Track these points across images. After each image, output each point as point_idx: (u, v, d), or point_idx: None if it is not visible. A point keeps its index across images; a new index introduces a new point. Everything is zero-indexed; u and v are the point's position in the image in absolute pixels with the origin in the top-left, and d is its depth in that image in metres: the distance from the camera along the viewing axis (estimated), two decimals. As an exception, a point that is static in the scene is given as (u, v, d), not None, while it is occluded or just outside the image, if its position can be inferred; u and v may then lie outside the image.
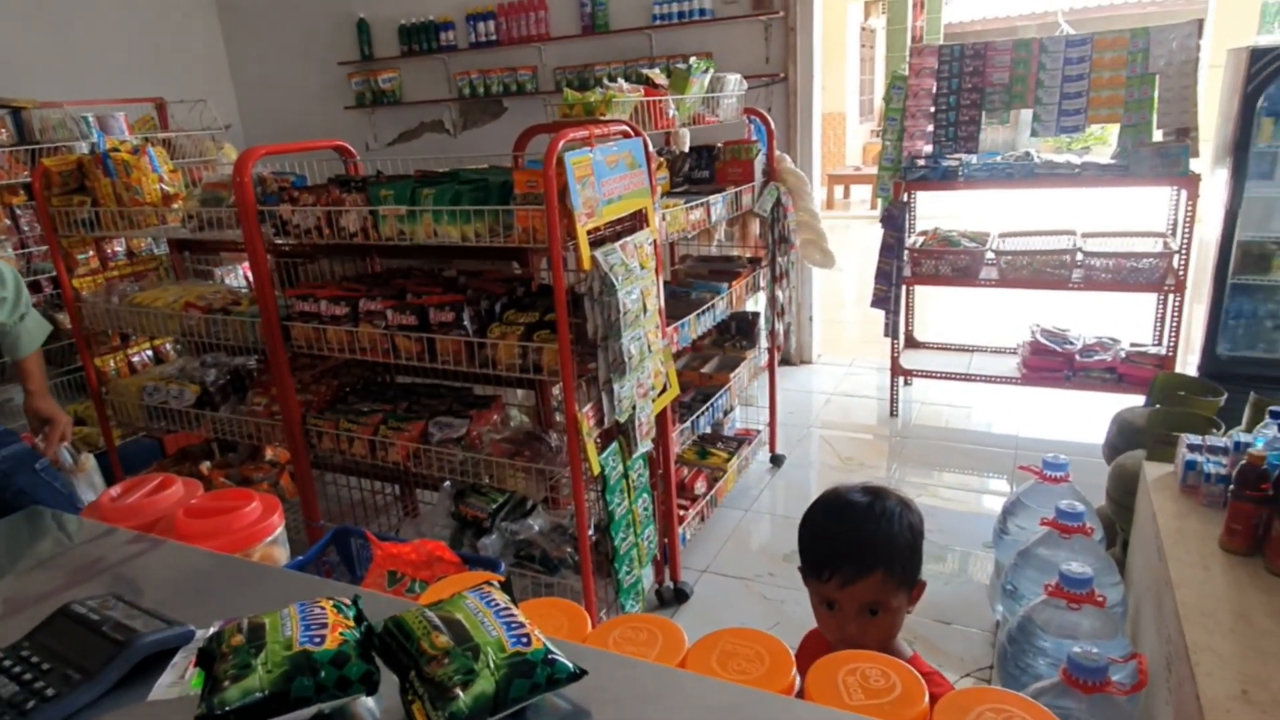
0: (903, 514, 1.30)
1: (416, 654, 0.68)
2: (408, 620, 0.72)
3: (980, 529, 3.08)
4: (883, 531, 1.27)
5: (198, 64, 5.93)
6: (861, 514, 1.30)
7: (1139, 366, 3.68)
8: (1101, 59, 3.57)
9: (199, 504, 1.17)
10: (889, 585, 1.24)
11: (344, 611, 0.75)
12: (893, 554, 1.25)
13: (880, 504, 1.30)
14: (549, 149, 1.93)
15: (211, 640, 0.73)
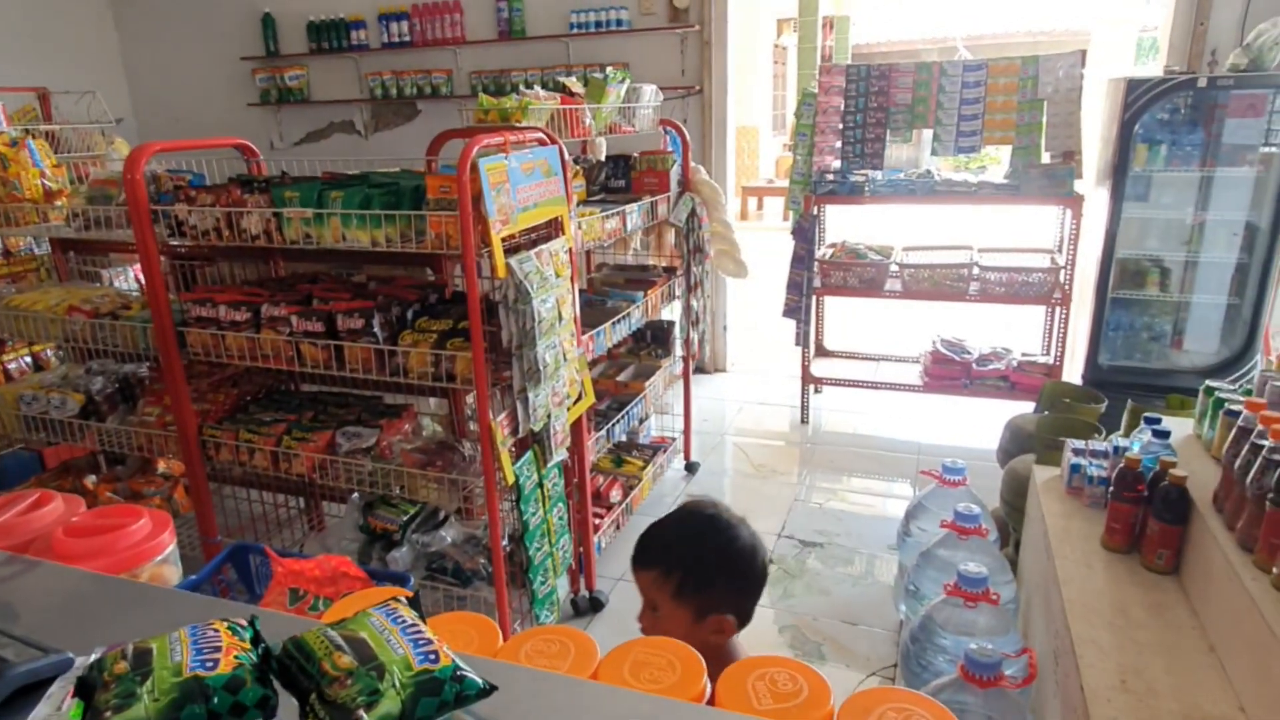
0: (722, 545, 1.31)
1: (318, 675, 0.66)
2: (308, 640, 0.69)
3: (885, 532, 3.19)
4: (681, 540, 1.31)
5: (86, 53, 5.59)
6: (681, 520, 1.35)
7: (1029, 375, 3.89)
8: (996, 84, 3.78)
9: (80, 521, 1.10)
10: (664, 588, 1.28)
11: (239, 633, 0.72)
12: (675, 561, 1.29)
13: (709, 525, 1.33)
14: (463, 154, 1.91)
15: (92, 668, 0.68)
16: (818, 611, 2.75)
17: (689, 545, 1.32)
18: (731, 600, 1.30)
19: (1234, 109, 3.35)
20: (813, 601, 2.81)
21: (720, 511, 1.38)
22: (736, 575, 1.32)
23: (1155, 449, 1.90)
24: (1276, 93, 3.24)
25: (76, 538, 1.05)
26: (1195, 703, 1.40)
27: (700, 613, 1.28)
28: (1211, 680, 1.45)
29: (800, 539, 3.21)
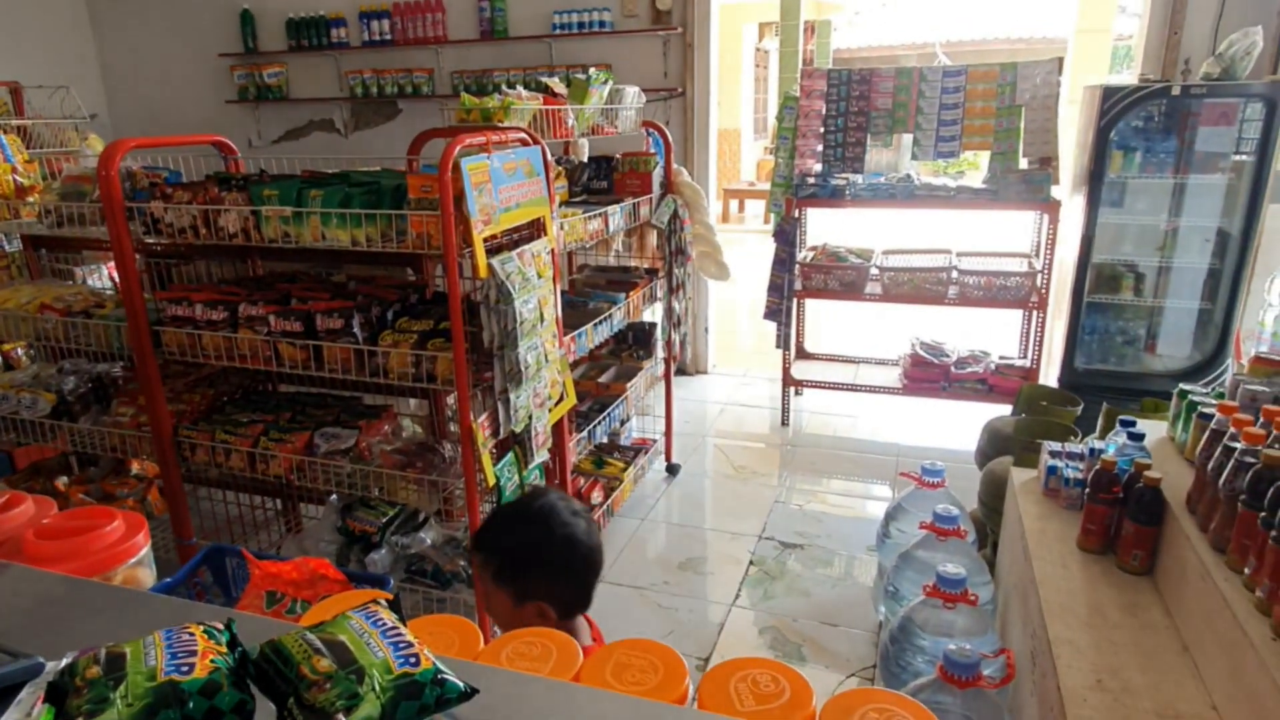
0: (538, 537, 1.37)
1: (296, 679, 0.65)
2: (286, 644, 0.68)
3: (864, 533, 3.21)
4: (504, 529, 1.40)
5: (60, 48, 5.50)
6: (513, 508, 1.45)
7: (1007, 378, 3.93)
8: (975, 90, 3.81)
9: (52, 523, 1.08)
10: (485, 571, 1.37)
11: (215, 637, 0.71)
12: (494, 548, 1.38)
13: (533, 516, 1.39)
14: (445, 154, 1.89)
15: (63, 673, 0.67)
16: (798, 613, 2.76)
17: (509, 534, 1.38)
18: (544, 589, 1.34)
19: (1206, 117, 3.41)
20: (793, 603, 2.82)
21: (551, 502, 1.42)
22: (550, 567, 1.36)
23: (1130, 451, 1.92)
24: (1247, 101, 3.30)
25: (48, 540, 1.03)
26: (1169, 702, 1.42)
27: (518, 599, 1.35)
28: (1185, 679, 1.47)
29: (780, 540, 3.22)
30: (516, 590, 1.35)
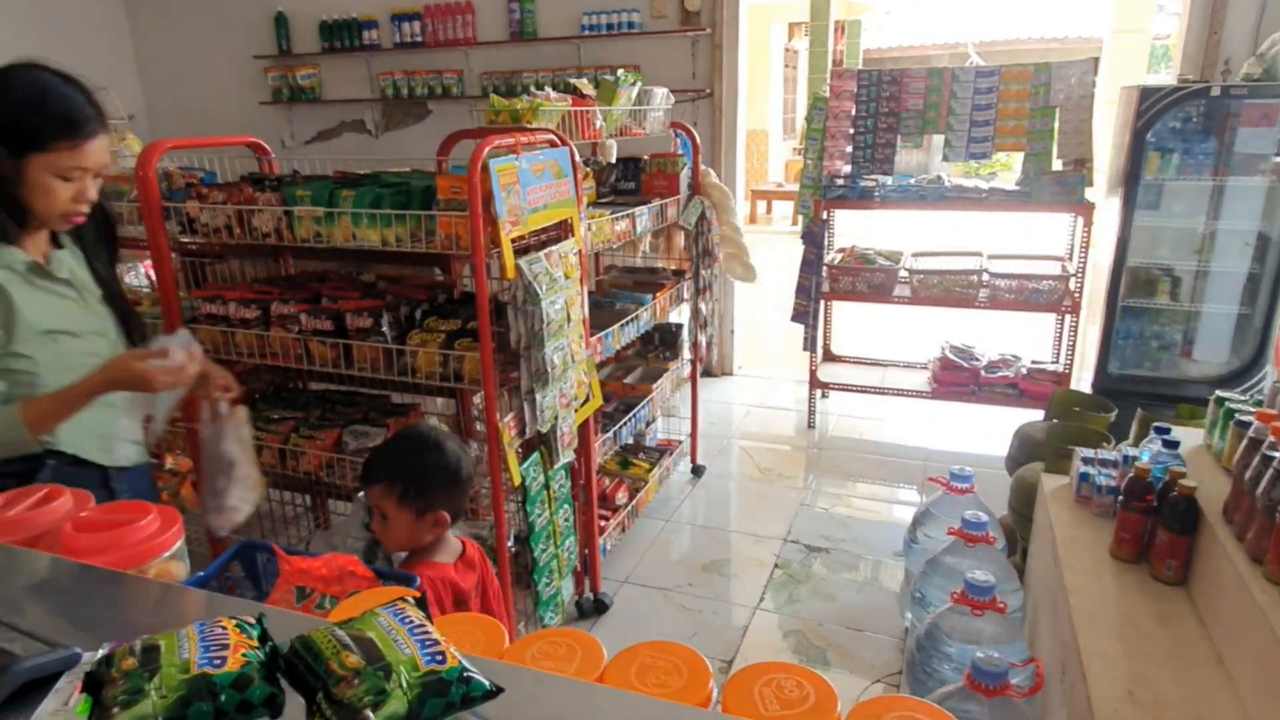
0: (432, 456, 1.62)
1: (325, 674, 0.65)
2: (316, 639, 0.69)
3: (891, 538, 3.18)
4: (401, 456, 1.62)
5: (99, 50, 5.63)
6: (400, 440, 1.68)
7: (1038, 383, 3.88)
8: (1008, 90, 3.77)
9: (89, 517, 1.10)
10: (390, 496, 1.58)
11: (247, 631, 0.72)
12: (399, 473, 1.59)
13: (423, 442, 1.65)
14: (474, 155, 1.91)
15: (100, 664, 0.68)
16: (823, 617, 2.74)
17: (408, 459, 1.61)
18: (445, 499, 1.61)
19: (1247, 118, 3.33)
20: (818, 607, 2.80)
21: (428, 431, 1.73)
22: (447, 479, 1.63)
23: (1165, 459, 1.88)
24: (1291, 102, 3.22)
25: (85, 533, 1.05)
26: (1203, 714, 1.39)
27: (420, 512, 1.60)
28: (1220, 692, 1.44)
29: (806, 544, 3.20)
30: (420, 506, 1.60)
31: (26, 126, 1.41)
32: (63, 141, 1.43)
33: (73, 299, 1.58)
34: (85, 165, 1.46)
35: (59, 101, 1.44)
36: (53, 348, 1.52)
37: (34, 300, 1.50)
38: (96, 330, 1.61)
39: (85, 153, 1.45)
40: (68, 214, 1.50)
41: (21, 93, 1.43)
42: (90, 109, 1.47)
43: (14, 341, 1.48)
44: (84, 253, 1.64)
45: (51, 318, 1.53)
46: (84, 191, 1.49)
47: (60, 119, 1.43)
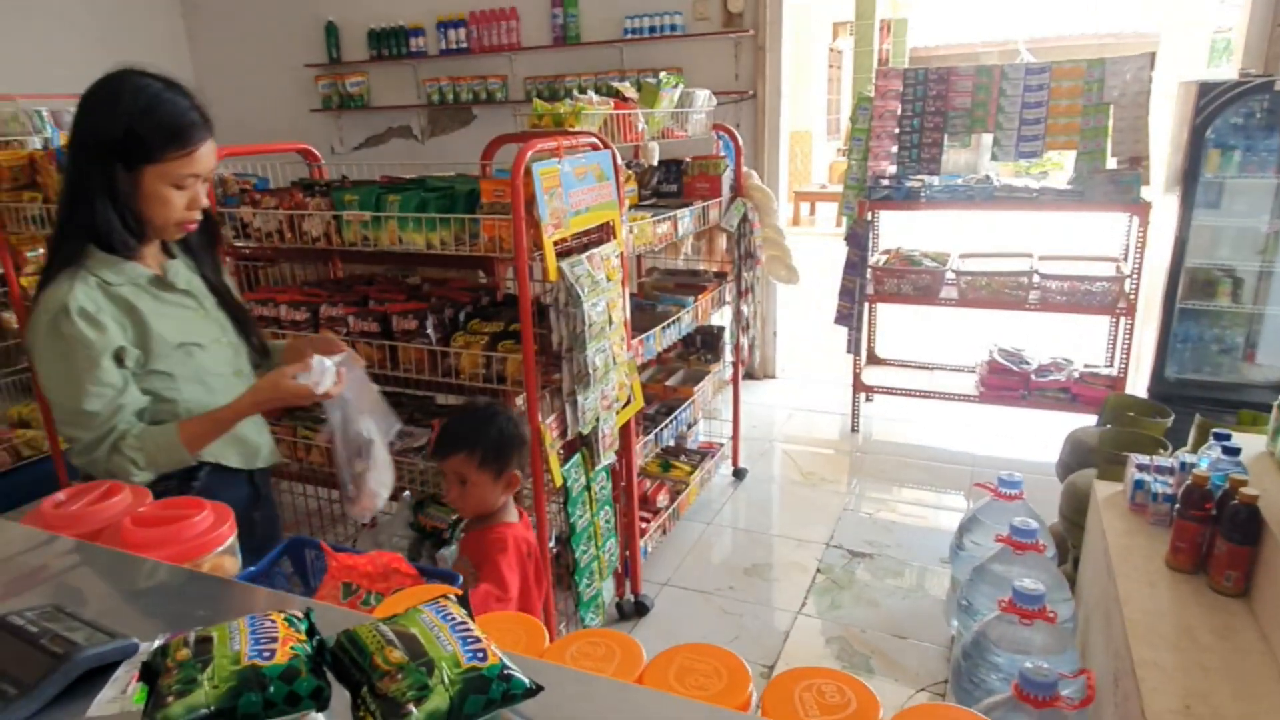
0: (498, 421, 1.77)
1: (369, 669, 0.67)
2: (361, 634, 0.70)
3: (937, 544, 3.12)
4: (471, 429, 1.75)
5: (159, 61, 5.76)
6: (467, 416, 1.80)
7: (1091, 387, 3.77)
8: (1059, 88, 3.68)
9: (147, 512, 1.14)
10: (470, 462, 1.72)
11: (295, 625, 0.74)
12: (474, 442, 1.73)
13: (482, 412, 1.80)
14: (517, 159, 1.93)
15: (156, 654, 0.70)
16: (866, 623, 2.71)
17: (482, 426, 1.76)
18: (515, 460, 1.78)
19: (1314, 113, 3.20)
20: (861, 613, 2.77)
21: (489, 402, 1.93)
22: (518, 442, 1.80)
23: (1224, 466, 1.82)
24: (1362, 95, 3.09)
25: (143, 527, 1.09)
26: (1266, 733, 1.34)
27: (497, 474, 1.75)
28: (1284, 710, 1.39)
29: (849, 549, 3.16)
30: (497, 468, 1.75)
31: (139, 139, 1.40)
32: (174, 150, 1.41)
33: (194, 309, 1.59)
34: (197, 172, 1.46)
35: (168, 110, 1.42)
36: (187, 361, 1.53)
37: (162, 314, 1.51)
38: (218, 338, 1.62)
39: (196, 159, 1.44)
40: (183, 222, 1.50)
41: (131, 104, 1.40)
42: (195, 114, 1.46)
43: (152, 359, 1.49)
44: (192, 259, 1.64)
45: (181, 330, 1.53)
46: (197, 198, 1.49)
47: (170, 128, 1.41)
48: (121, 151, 1.39)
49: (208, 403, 1.55)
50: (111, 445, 1.44)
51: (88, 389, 1.41)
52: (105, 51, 5.38)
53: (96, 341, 1.41)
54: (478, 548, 1.77)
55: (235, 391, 1.58)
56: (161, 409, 1.51)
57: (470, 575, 1.71)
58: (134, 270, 1.48)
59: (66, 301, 1.40)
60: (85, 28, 5.29)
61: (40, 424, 3.66)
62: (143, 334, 1.47)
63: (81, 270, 1.43)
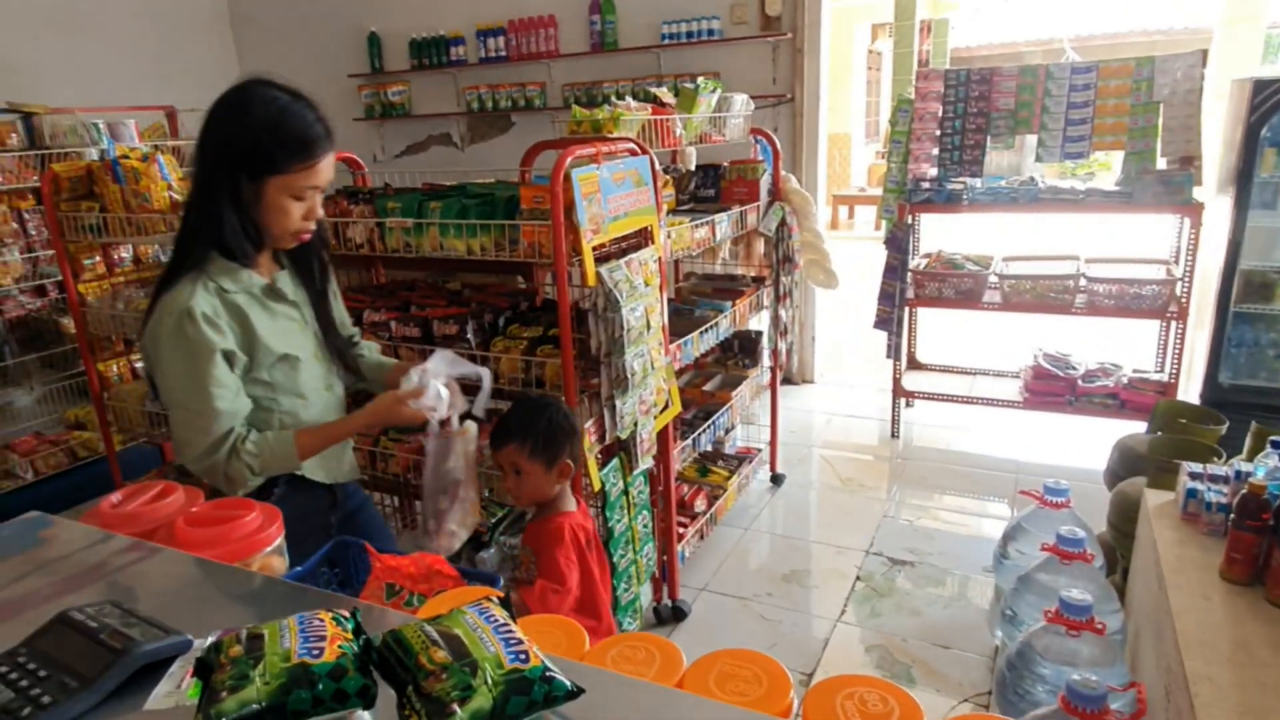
0: (548, 412, 1.80)
1: (414, 669, 0.68)
2: (406, 634, 0.72)
3: (980, 553, 3.07)
4: (524, 420, 1.78)
5: (209, 74, 5.98)
6: (520, 408, 1.81)
7: (1141, 393, 3.68)
8: (1106, 87, 3.60)
9: (199, 512, 1.17)
10: (522, 452, 1.76)
11: (342, 624, 0.75)
12: (525, 434, 1.76)
13: (533, 404, 1.83)
14: (556, 165, 1.95)
15: (209, 650, 0.72)
16: (907, 632, 2.67)
17: (533, 418, 1.78)
18: (567, 449, 1.81)
19: (1378, 109, 3.09)
20: (902, 621, 2.73)
21: (539, 395, 1.96)
22: (569, 431, 1.82)
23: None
24: None
25: (196, 527, 1.12)
26: (1328, 752, 1.29)
27: (549, 463, 1.78)
28: (1347, 729, 1.34)
29: (889, 556, 3.12)
30: (549, 458, 1.77)
31: (265, 150, 1.41)
32: (299, 162, 1.43)
33: (297, 320, 1.61)
34: (318, 184, 1.47)
35: (294, 122, 1.43)
36: (288, 372, 1.56)
37: (269, 324, 1.53)
38: (315, 351, 1.63)
39: (318, 171, 1.46)
40: (299, 232, 1.51)
41: (260, 115, 1.42)
42: (320, 127, 1.47)
43: (256, 367, 1.51)
44: (300, 269, 1.65)
45: (284, 341, 1.55)
46: (314, 209, 1.50)
47: (296, 141, 1.42)
48: (248, 161, 1.42)
49: (303, 415, 1.58)
50: (232, 448, 1.46)
51: (212, 390, 1.44)
52: (159, 65, 5.56)
53: (218, 344, 1.44)
54: (537, 539, 1.81)
55: (327, 405, 1.62)
56: (259, 418, 1.54)
57: (532, 565, 1.76)
58: (250, 278, 1.51)
59: (190, 305, 1.42)
60: (140, 42, 5.46)
61: (95, 426, 3.78)
62: (250, 342, 1.49)
63: (203, 276, 1.46)
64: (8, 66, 4.74)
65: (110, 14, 5.28)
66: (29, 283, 3.82)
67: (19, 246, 3.78)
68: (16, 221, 3.81)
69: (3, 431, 3.86)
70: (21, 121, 3.91)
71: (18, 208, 3.83)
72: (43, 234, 3.84)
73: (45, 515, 1.20)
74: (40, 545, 1.12)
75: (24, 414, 3.97)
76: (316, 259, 1.66)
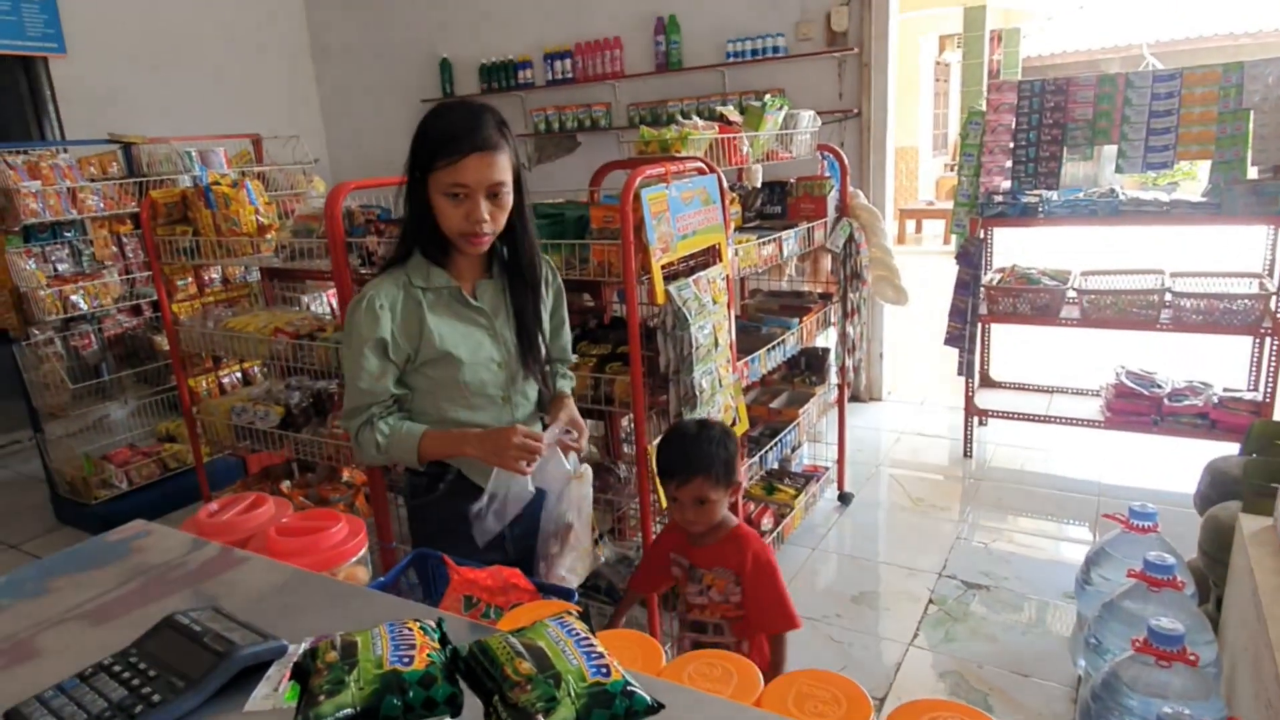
0: (719, 439, 1.80)
1: (500, 679, 0.70)
2: (492, 645, 0.74)
3: (1059, 578, 2.96)
4: (703, 450, 1.77)
5: (292, 102, 6.26)
6: (692, 439, 1.80)
7: (1233, 413, 3.50)
8: (1191, 94, 3.47)
9: (289, 523, 1.22)
10: (708, 484, 1.75)
11: (430, 634, 0.78)
12: (710, 465, 1.75)
13: (704, 433, 1.81)
14: (626, 185, 1.97)
15: (306, 656, 0.76)
16: (983, 659, 2.59)
17: (710, 447, 1.78)
18: (737, 468, 1.83)
19: None
20: (977, 648, 2.65)
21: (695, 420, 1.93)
22: (736, 450, 1.83)
23: (1396, 501, 1.65)
24: None
25: (287, 537, 1.17)
26: None
27: (727, 486, 1.80)
28: None
29: (963, 580, 3.04)
30: (728, 483, 1.79)
31: (419, 149, 1.53)
32: (441, 159, 1.48)
33: (483, 326, 1.65)
34: (462, 181, 1.49)
35: (445, 122, 1.51)
36: (451, 371, 1.61)
37: (444, 323, 1.61)
38: (497, 359, 1.66)
39: (460, 169, 1.48)
40: (465, 234, 1.54)
41: (429, 118, 1.54)
42: (469, 126, 1.49)
43: (419, 359, 1.61)
44: (509, 282, 1.68)
45: (454, 341, 1.61)
46: (474, 211, 1.51)
47: (439, 139, 1.49)
48: (416, 162, 1.53)
49: (464, 417, 1.65)
50: (365, 420, 1.60)
51: (358, 368, 1.57)
52: (245, 95, 5.84)
53: (367, 333, 1.55)
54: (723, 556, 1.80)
55: (498, 413, 1.68)
56: (417, 404, 1.65)
57: (731, 583, 1.78)
58: (439, 277, 1.60)
59: (369, 293, 1.56)
60: (227, 74, 5.76)
61: (185, 438, 3.97)
62: (417, 335, 1.59)
63: (400, 270, 1.60)
64: (110, 100, 5.06)
65: (201, 48, 5.59)
66: (126, 302, 4.04)
67: (118, 269, 4.01)
68: (116, 245, 4.05)
69: (100, 443, 4.08)
70: (122, 152, 4.15)
71: (117, 232, 4.06)
72: (139, 256, 4.07)
73: (148, 524, 1.27)
74: (143, 552, 1.19)
75: (119, 427, 4.19)
76: (522, 273, 1.68)
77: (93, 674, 0.84)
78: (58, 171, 3.76)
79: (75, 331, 3.91)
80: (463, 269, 1.63)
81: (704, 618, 1.81)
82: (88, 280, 3.84)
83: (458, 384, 1.62)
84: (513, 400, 1.71)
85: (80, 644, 0.95)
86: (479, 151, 1.49)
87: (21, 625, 1.00)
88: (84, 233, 3.95)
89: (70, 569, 1.13)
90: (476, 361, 1.63)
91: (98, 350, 4.00)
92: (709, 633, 1.81)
